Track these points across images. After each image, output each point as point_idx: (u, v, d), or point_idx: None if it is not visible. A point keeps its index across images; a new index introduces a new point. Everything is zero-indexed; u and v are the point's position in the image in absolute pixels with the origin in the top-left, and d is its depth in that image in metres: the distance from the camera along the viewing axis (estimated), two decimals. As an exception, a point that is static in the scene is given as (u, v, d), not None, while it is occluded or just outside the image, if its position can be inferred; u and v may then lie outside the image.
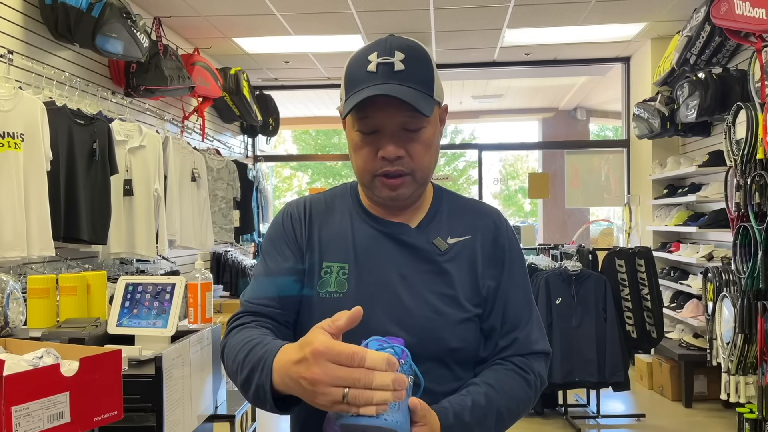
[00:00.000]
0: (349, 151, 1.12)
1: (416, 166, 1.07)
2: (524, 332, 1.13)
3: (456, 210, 1.18)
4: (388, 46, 1.05)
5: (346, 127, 1.11)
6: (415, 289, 1.08)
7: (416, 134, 1.06)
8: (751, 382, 3.48)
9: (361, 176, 1.11)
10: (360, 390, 0.78)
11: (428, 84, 1.05)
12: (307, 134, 15.24)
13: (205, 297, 2.10)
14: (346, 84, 1.08)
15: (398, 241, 1.12)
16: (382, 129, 1.05)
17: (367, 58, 1.05)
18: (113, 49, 3.50)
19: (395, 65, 1.03)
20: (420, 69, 1.05)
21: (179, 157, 4.61)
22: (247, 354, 0.99)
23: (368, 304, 1.02)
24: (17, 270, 3.10)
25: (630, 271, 4.30)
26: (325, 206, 1.18)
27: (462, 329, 1.08)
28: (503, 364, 1.11)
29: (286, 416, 1.06)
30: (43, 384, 1.16)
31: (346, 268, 1.09)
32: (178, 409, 1.76)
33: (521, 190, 14.71)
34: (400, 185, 1.07)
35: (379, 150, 1.05)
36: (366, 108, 1.03)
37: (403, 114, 1.03)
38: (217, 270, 5.95)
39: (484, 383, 1.06)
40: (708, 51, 4.41)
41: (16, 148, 2.89)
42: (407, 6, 4.83)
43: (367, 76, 1.03)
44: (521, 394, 1.09)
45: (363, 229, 1.14)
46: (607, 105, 9.42)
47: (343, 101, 1.08)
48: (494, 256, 1.14)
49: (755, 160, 3.48)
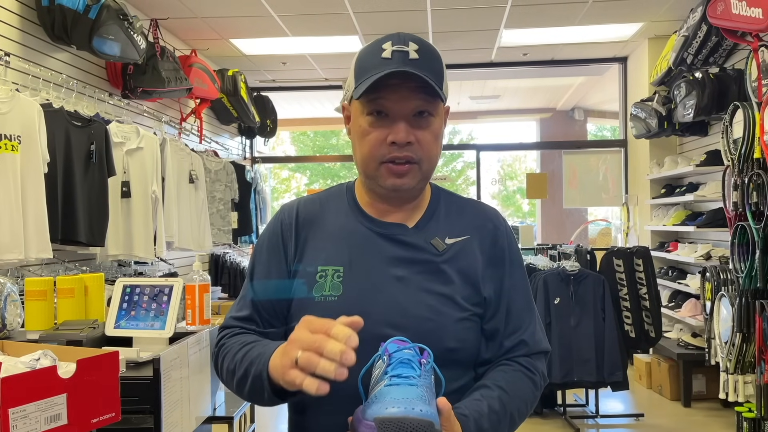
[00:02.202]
0: (354, 142, 1.12)
1: (424, 155, 1.07)
2: (528, 333, 1.13)
3: (454, 210, 1.17)
4: (402, 38, 1.06)
5: (354, 114, 1.11)
6: (412, 290, 1.07)
7: (426, 122, 1.07)
8: (749, 381, 3.49)
9: (366, 164, 1.09)
10: (310, 354, 0.83)
11: (439, 76, 1.07)
12: (305, 135, 15.23)
13: (203, 298, 2.10)
14: (357, 72, 1.08)
15: (395, 241, 1.11)
16: (393, 113, 1.05)
17: (380, 47, 1.06)
18: (110, 50, 3.50)
19: (410, 53, 1.04)
20: (433, 61, 1.06)
21: (177, 159, 4.61)
22: (246, 352, 1.02)
23: (364, 306, 1.03)
24: (15, 272, 3.09)
25: (628, 271, 4.31)
26: (320, 207, 1.18)
27: (460, 329, 1.08)
28: (510, 364, 1.11)
29: (285, 415, 1.06)
30: (40, 386, 1.15)
31: (341, 270, 1.09)
32: (176, 411, 1.76)
33: (519, 191, 14.72)
34: (407, 173, 1.07)
35: (388, 135, 1.05)
36: (380, 90, 1.03)
37: (416, 98, 1.04)
38: (215, 271, 5.95)
39: (496, 386, 1.05)
40: (705, 51, 4.42)
41: (13, 150, 2.89)
42: (404, 7, 4.84)
43: (381, 62, 1.04)
44: (530, 395, 1.10)
45: (358, 230, 1.13)
46: (605, 105, 9.43)
47: (352, 89, 1.08)
48: (494, 256, 1.14)
49: (752, 160, 3.49)
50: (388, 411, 0.79)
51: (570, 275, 4.17)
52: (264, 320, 1.13)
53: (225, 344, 1.10)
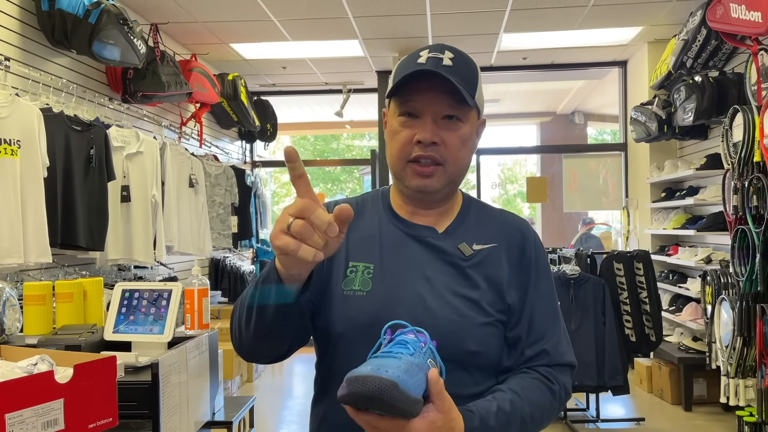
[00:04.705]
0: (387, 143, 1.16)
1: (449, 157, 1.10)
2: (551, 343, 1.14)
3: (484, 218, 1.20)
4: (439, 47, 1.11)
5: (388, 115, 1.15)
6: (438, 291, 1.09)
7: (454, 125, 1.10)
8: (750, 385, 3.48)
9: (394, 163, 1.13)
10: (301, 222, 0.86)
11: (472, 85, 1.10)
12: (305, 140, 15.25)
13: (202, 303, 2.09)
14: (394, 76, 1.13)
15: (424, 243, 1.14)
16: (422, 114, 1.09)
17: (418, 54, 1.11)
18: (110, 55, 3.50)
19: (443, 60, 1.08)
20: (467, 70, 1.10)
21: (177, 163, 4.61)
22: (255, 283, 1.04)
23: (391, 303, 1.07)
24: (14, 277, 3.09)
25: (628, 275, 4.30)
26: (355, 207, 1.20)
27: (483, 333, 1.09)
28: (529, 372, 1.11)
29: (285, 420, 1.06)
30: (37, 391, 1.15)
31: (371, 268, 1.12)
32: (174, 416, 1.76)
33: (520, 194, 14.72)
34: (432, 174, 1.10)
35: (415, 135, 1.09)
36: (411, 93, 1.08)
37: (444, 102, 1.08)
38: (215, 276, 5.94)
39: (509, 390, 1.06)
40: (704, 54, 4.42)
41: (12, 155, 2.89)
42: (404, 11, 4.85)
43: (415, 66, 1.08)
44: (546, 403, 1.09)
45: (390, 230, 1.16)
46: (605, 108, 9.43)
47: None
48: (521, 265, 1.15)
49: (752, 163, 3.48)
50: (359, 370, 0.84)
51: (570, 279, 4.16)
52: None
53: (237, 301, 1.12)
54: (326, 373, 1.14)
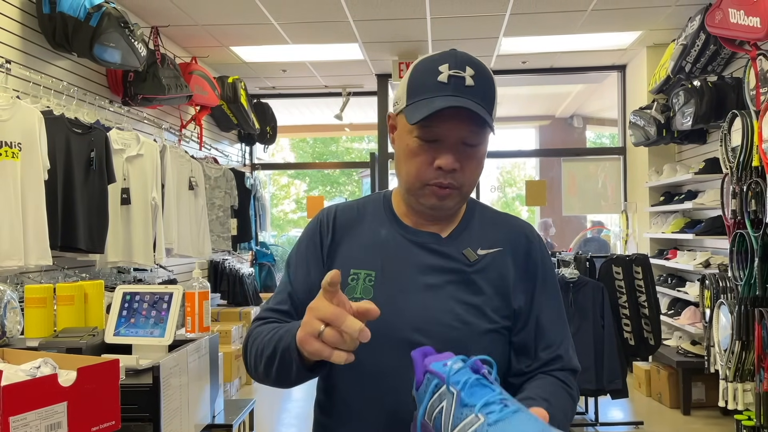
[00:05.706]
0: (398, 156, 1.12)
1: (466, 181, 1.09)
2: (563, 348, 1.13)
3: (488, 222, 1.19)
4: (459, 60, 1.06)
5: (401, 129, 1.11)
6: (441, 298, 1.08)
7: (473, 150, 1.08)
8: (748, 389, 3.48)
9: (410, 183, 1.10)
10: (333, 332, 0.85)
11: (491, 103, 1.07)
12: (304, 142, 15.25)
13: (202, 306, 2.10)
14: (411, 90, 1.08)
15: (428, 250, 1.13)
16: (443, 139, 1.05)
17: (437, 68, 1.05)
18: (111, 58, 3.51)
19: (466, 80, 1.04)
20: (487, 88, 1.07)
21: (177, 166, 4.61)
22: (277, 332, 1.04)
23: (393, 310, 1.05)
24: (14, 279, 3.09)
25: (627, 279, 4.30)
26: (357, 213, 1.20)
27: (487, 340, 1.08)
28: (547, 377, 1.10)
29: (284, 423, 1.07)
30: (41, 394, 1.16)
31: (373, 275, 1.11)
32: (175, 419, 1.76)
33: (519, 198, 14.72)
34: (448, 196, 1.09)
35: (435, 159, 1.06)
36: (432, 118, 1.03)
37: (466, 128, 1.05)
38: (214, 278, 5.94)
39: (541, 398, 1.03)
40: (703, 59, 4.44)
41: (13, 158, 2.90)
42: (404, 15, 4.86)
43: (437, 86, 1.04)
44: (569, 409, 1.09)
45: (392, 237, 1.15)
46: (604, 112, 9.44)
47: (404, 105, 1.08)
48: (527, 269, 1.14)
49: (751, 168, 3.50)
50: None
51: (569, 283, 4.16)
52: (301, 314, 1.13)
53: (257, 330, 1.11)
54: (327, 380, 1.14)
